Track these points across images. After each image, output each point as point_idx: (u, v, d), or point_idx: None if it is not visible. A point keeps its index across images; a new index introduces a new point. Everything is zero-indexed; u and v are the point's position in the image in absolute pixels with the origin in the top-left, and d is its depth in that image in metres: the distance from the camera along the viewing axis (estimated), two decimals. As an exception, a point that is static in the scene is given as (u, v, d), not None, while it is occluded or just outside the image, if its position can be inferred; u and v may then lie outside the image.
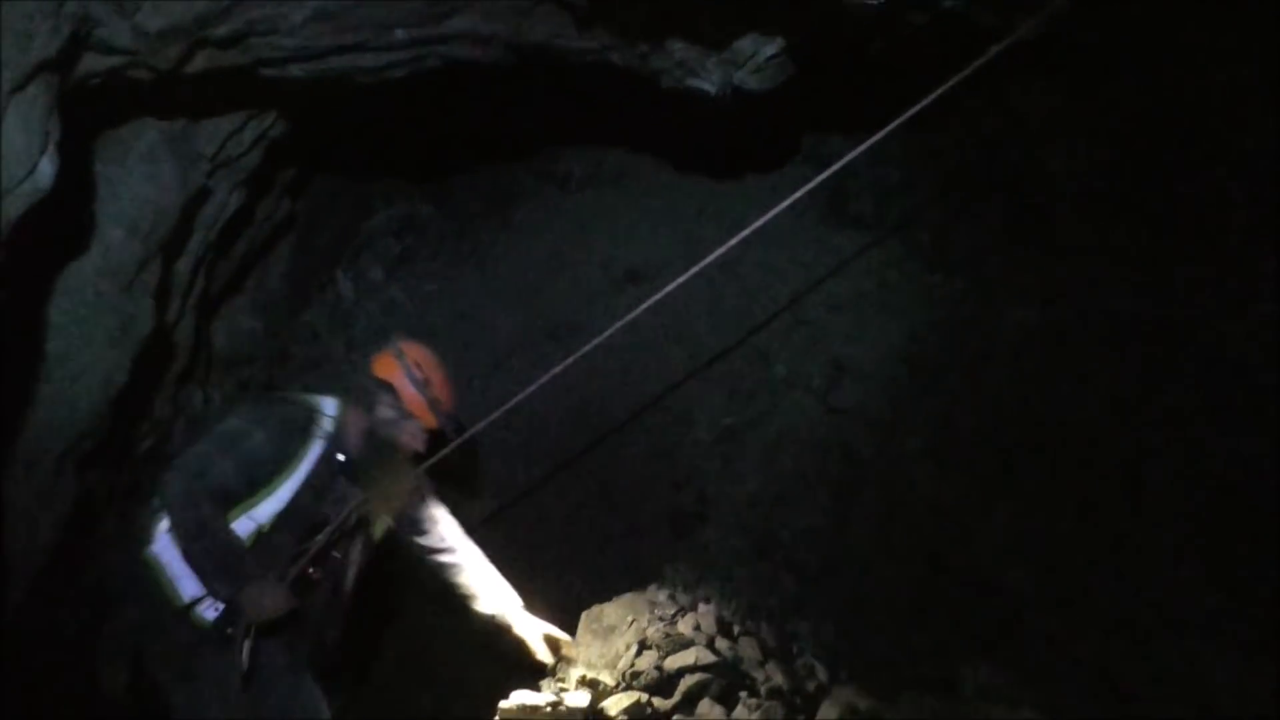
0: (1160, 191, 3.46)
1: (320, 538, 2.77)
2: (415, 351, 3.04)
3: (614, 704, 3.13)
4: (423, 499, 3.21)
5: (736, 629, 3.30)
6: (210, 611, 2.64)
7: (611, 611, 3.47)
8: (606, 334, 2.98)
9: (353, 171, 5.61)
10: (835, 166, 2.85)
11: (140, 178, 3.41)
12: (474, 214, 5.97)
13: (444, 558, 3.24)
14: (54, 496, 3.20)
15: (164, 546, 2.63)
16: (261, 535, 2.72)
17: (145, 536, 2.68)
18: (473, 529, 3.35)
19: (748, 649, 3.20)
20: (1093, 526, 3.34)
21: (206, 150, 3.72)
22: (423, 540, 3.22)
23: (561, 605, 3.74)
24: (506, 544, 4.89)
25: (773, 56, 3.31)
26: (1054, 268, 3.82)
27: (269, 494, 2.74)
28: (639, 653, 3.26)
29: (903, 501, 3.62)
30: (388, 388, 2.96)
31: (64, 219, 3.02)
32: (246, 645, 2.60)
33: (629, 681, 3.20)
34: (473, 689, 4.06)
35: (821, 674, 3.13)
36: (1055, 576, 3.30)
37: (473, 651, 3.99)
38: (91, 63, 2.78)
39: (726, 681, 3.12)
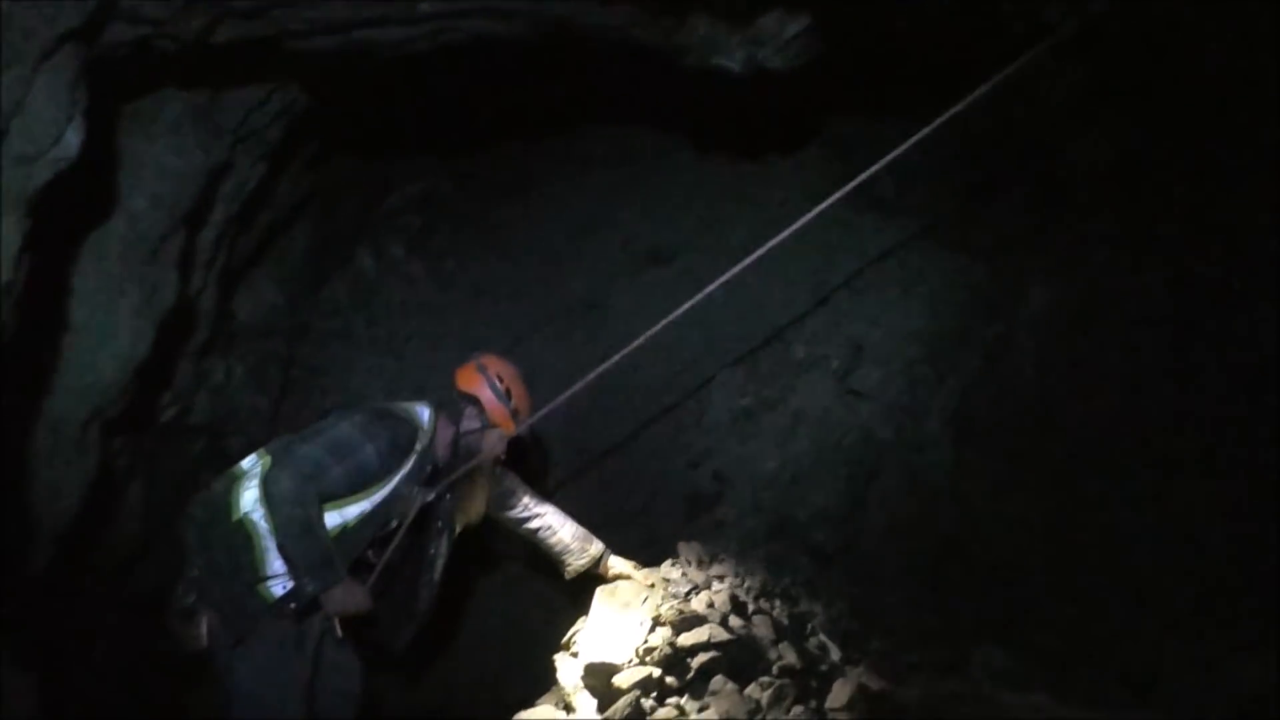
0: (1181, 176, 3.43)
1: (395, 541, 2.98)
2: (496, 365, 3.27)
3: (625, 679, 3.15)
4: (501, 482, 3.41)
5: (750, 608, 3.30)
6: (279, 588, 2.80)
7: (625, 588, 3.48)
8: (649, 334, 3.08)
9: (375, 147, 5.62)
10: (885, 160, 2.87)
11: (165, 149, 3.43)
12: (495, 191, 5.97)
13: (535, 523, 3.48)
14: (79, 461, 3.25)
15: (260, 518, 2.79)
16: (345, 530, 2.90)
17: (230, 500, 2.85)
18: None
19: (761, 628, 3.20)
20: (1110, 513, 3.32)
21: (230, 123, 3.74)
22: (511, 514, 3.46)
23: (574, 582, 3.75)
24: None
25: (797, 35, 3.29)
26: (1074, 252, 3.79)
27: (364, 499, 2.93)
28: (652, 629, 3.27)
29: (919, 484, 3.61)
30: (473, 400, 3.19)
31: (89, 188, 3.05)
32: (322, 626, 2.83)
33: (642, 658, 3.21)
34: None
35: (834, 654, 3.13)
36: (1070, 563, 3.29)
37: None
38: (117, 32, 2.80)
39: (739, 659, 3.13)
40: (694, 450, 4.24)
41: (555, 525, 3.51)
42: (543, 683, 3.58)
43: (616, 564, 3.55)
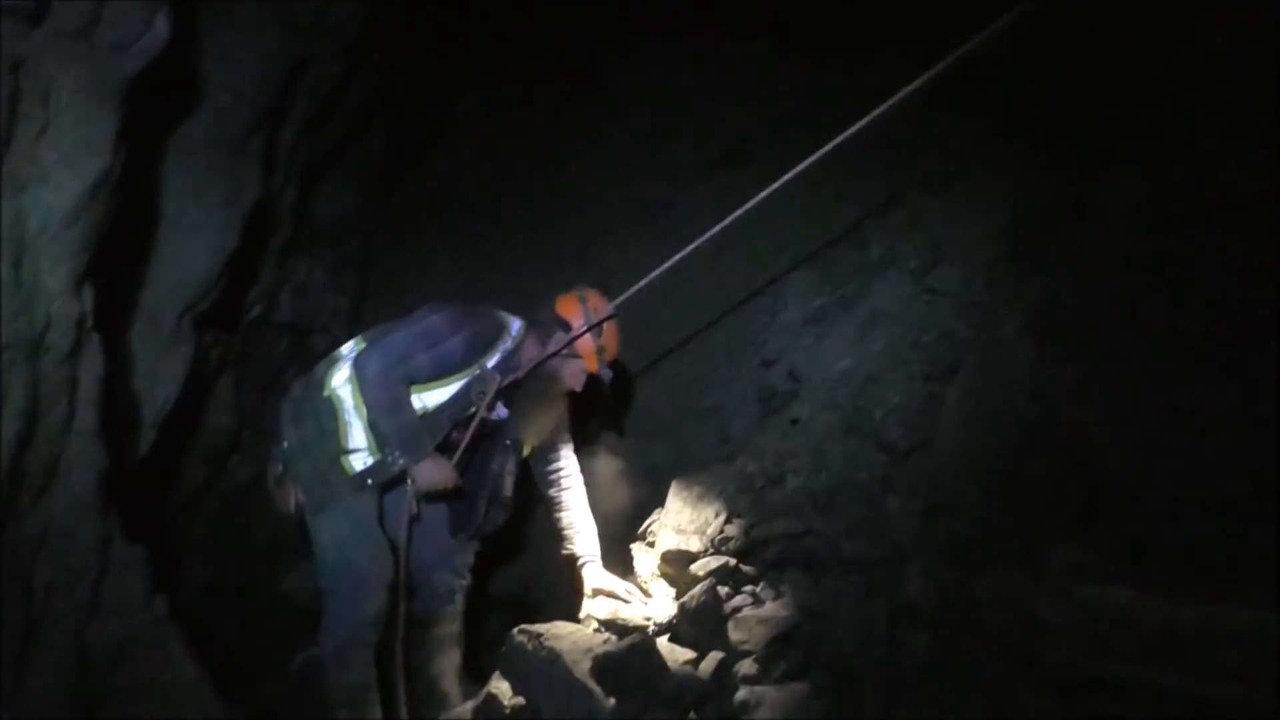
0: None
1: (472, 428, 3.12)
2: (596, 300, 3.32)
3: (702, 566, 3.23)
4: (559, 435, 3.46)
5: (823, 501, 3.33)
6: (360, 463, 2.99)
7: (701, 480, 3.53)
8: (722, 225, 3.04)
9: (447, 49, 5.58)
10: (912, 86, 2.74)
11: (246, 45, 3.46)
12: (566, 94, 5.91)
13: (555, 492, 3.46)
14: (174, 352, 3.37)
15: (347, 394, 2.99)
16: (426, 414, 3.06)
17: (325, 379, 3.05)
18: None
19: (835, 521, 3.23)
20: (1195, 412, 3.24)
21: (306, 19, 3.75)
22: (546, 470, 3.46)
23: (649, 476, 3.82)
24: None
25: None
26: (1166, 145, 3.63)
27: (444, 386, 3.08)
28: (728, 520, 3.33)
29: (998, 382, 3.54)
30: (565, 325, 3.26)
31: (175, 82, 3.09)
32: (414, 501, 3.04)
33: (717, 547, 3.28)
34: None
35: (908, 548, 3.15)
36: (1154, 461, 3.23)
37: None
38: (199, -77, 2.81)
39: (814, 551, 3.18)
40: (767, 349, 4.22)
41: (570, 505, 3.46)
42: (620, 572, 3.68)
43: (594, 578, 3.38)
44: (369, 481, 3.00)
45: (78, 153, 2.28)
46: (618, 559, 3.65)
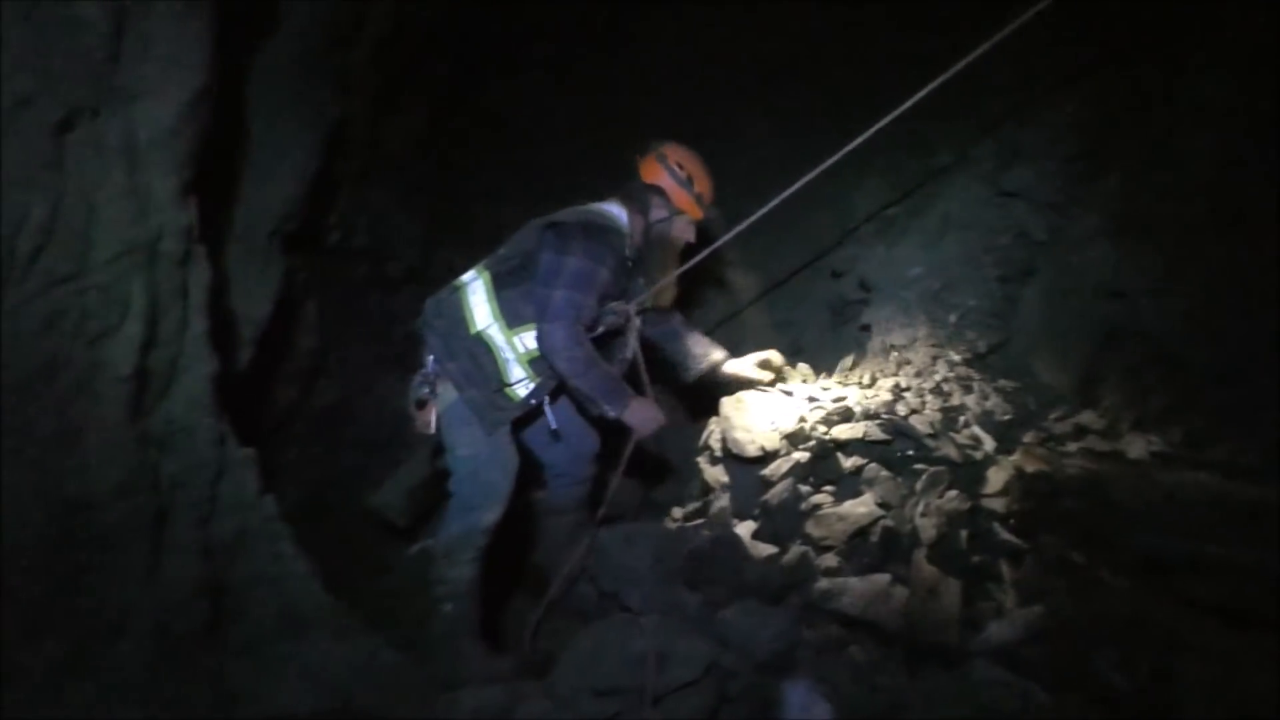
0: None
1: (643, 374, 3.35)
2: (675, 153, 3.38)
3: (780, 464, 3.30)
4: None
5: (901, 402, 3.36)
6: (523, 390, 3.19)
7: (779, 386, 3.59)
8: (820, 169, 3.08)
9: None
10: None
11: (320, -36, 3.49)
12: (628, 12, 5.85)
13: (663, 327, 3.68)
14: (266, 271, 3.49)
15: (495, 332, 3.15)
16: None
17: (464, 314, 3.18)
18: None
19: (913, 421, 3.27)
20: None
21: (376, -61, 3.76)
22: (653, 315, 3.62)
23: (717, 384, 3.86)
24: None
25: None
26: (1250, 41, 3.52)
27: None
28: (803, 421, 3.39)
29: (1077, 282, 3.53)
30: (657, 190, 3.32)
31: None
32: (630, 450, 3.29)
33: (797, 447, 3.34)
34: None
35: (988, 445, 3.18)
36: (1238, 354, 3.20)
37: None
38: None
39: (892, 449, 3.22)
40: (837, 259, 4.23)
41: (683, 332, 3.70)
42: (688, 482, 3.76)
43: (738, 365, 3.65)
44: (532, 402, 3.21)
45: (177, 67, 2.36)
46: (688, 472, 3.73)
